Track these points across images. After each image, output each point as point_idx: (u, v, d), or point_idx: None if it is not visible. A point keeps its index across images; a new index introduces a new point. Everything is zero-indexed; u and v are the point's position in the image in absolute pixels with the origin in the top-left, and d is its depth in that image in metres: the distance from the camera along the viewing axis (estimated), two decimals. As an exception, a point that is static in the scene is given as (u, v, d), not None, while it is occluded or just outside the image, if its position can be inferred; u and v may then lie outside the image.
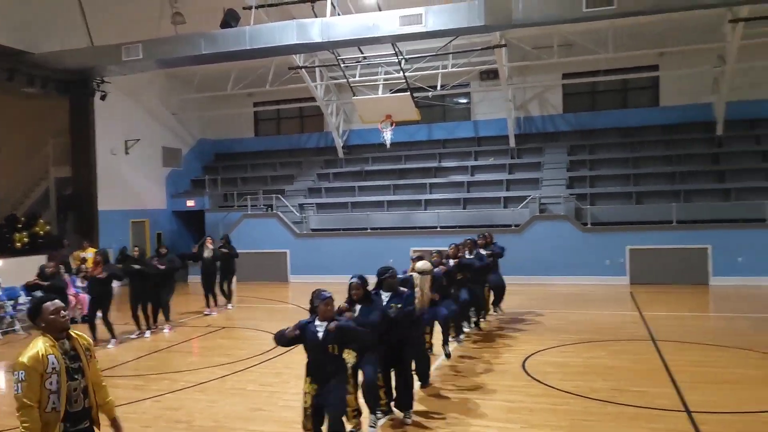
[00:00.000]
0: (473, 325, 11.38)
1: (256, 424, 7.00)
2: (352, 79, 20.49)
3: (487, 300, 12.29)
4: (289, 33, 14.38)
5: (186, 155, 24.85)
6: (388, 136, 17.03)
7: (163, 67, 18.24)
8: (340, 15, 14.77)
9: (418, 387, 7.68)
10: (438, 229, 18.76)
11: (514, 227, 18.11)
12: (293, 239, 20.30)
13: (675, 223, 16.93)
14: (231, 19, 15.09)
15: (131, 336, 11.86)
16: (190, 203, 22.86)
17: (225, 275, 14.99)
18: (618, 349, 9.90)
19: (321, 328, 5.46)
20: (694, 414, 6.77)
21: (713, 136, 20.00)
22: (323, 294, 5.55)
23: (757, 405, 7.00)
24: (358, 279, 6.40)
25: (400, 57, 18.36)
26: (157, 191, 23.00)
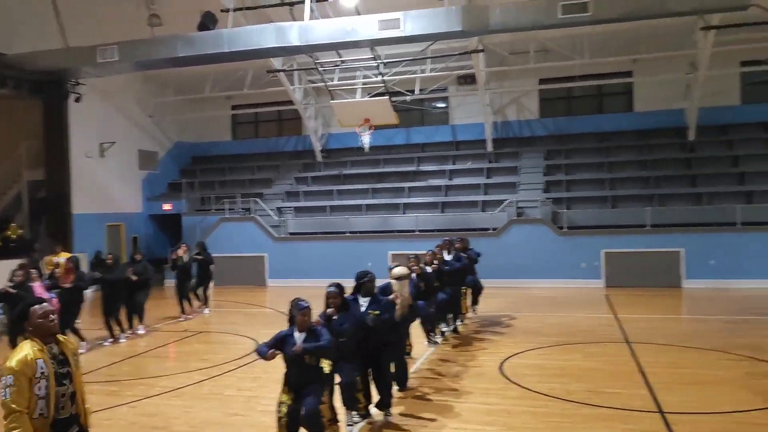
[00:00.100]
0: (451, 329, 11.42)
1: (234, 429, 6.96)
2: (331, 82, 20.51)
3: (465, 303, 12.34)
4: (267, 36, 14.32)
5: (163, 158, 24.60)
6: (366, 139, 17.07)
7: (139, 69, 18.03)
8: (318, 19, 14.77)
9: (396, 390, 7.69)
10: (416, 232, 18.81)
11: (491, 231, 18.25)
12: (271, 243, 20.20)
13: (649, 227, 17.22)
14: (208, 22, 14.99)
15: (105, 343, 11.68)
16: (167, 207, 22.63)
17: (201, 281, 14.87)
18: (593, 352, 10.04)
19: (299, 340, 5.52)
20: (667, 415, 6.89)
21: (685, 141, 20.40)
22: (301, 304, 5.60)
23: (729, 405, 7.15)
24: (335, 288, 6.40)
25: (379, 61, 18.43)
26: (133, 195, 22.73)
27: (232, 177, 24.43)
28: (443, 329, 11.12)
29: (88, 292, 12.00)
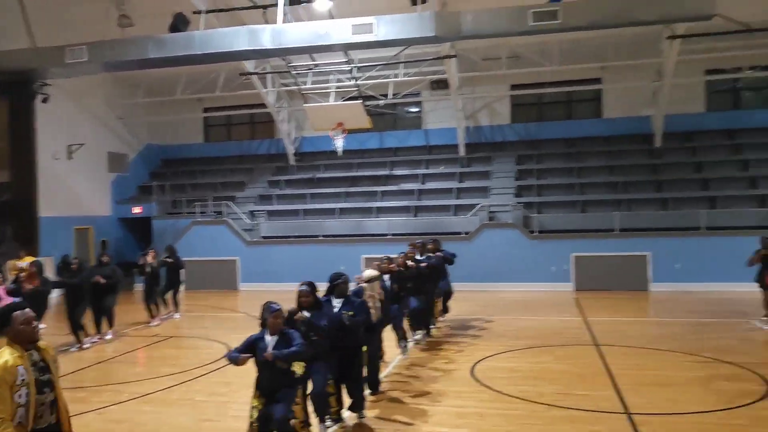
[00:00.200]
0: (421, 338, 11.35)
1: (205, 435, 6.91)
2: (304, 86, 20.47)
3: (437, 308, 12.34)
4: (239, 39, 14.23)
5: (133, 160, 24.25)
6: (339, 143, 17.07)
7: (109, 70, 17.72)
8: (291, 22, 14.74)
9: (368, 394, 7.71)
10: (389, 236, 18.87)
11: (463, 235, 18.40)
12: (243, 247, 20.05)
13: (617, 231, 17.54)
14: (180, 24, 14.83)
15: (71, 349, 11.45)
16: (137, 210, 22.29)
17: (170, 285, 14.68)
18: (563, 354, 10.19)
19: (271, 343, 5.50)
20: (633, 416, 7.04)
21: (652, 147, 20.85)
22: (272, 307, 5.60)
23: (694, 406, 7.33)
24: (307, 286, 6.40)
25: (352, 65, 18.47)
26: (101, 197, 22.35)
27: (203, 180, 24.18)
28: (415, 337, 11.11)
29: (52, 297, 11.77)
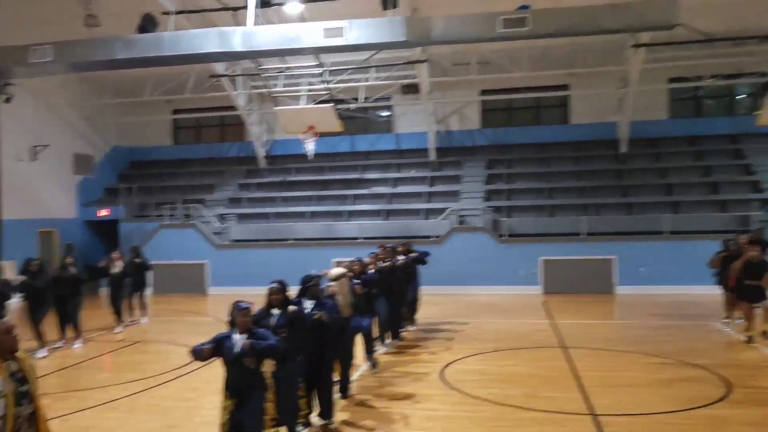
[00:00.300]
0: (393, 339, 11.37)
1: (172, 441, 6.84)
2: (275, 89, 20.37)
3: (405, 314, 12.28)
4: (209, 40, 14.08)
5: (99, 162, 23.80)
6: (310, 146, 17.01)
7: (75, 70, 17.35)
8: (262, 24, 14.67)
9: (337, 398, 7.71)
10: (360, 240, 18.88)
11: (434, 238, 18.52)
12: (213, 250, 19.85)
13: (584, 235, 17.85)
14: (148, 24, 14.62)
15: (36, 354, 11.17)
16: (103, 212, 21.88)
17: (136, 288, 14.46)
18: (531, 357, 10.33)
19: (239, 341, 5.38)
20: (599, 417, 7.18)
21: (617, 153, 21.28)
22: (240, 305, 5.50)
23: (658, 407, 7.50)
24: (278, 284, 6.37)
25: (324, 69, 18.45)
26: (66, 200, 21.89)
27: (172, 183, 23.86)
28: (385, 343, 10.96)
29: (12, 301, 11.49)
